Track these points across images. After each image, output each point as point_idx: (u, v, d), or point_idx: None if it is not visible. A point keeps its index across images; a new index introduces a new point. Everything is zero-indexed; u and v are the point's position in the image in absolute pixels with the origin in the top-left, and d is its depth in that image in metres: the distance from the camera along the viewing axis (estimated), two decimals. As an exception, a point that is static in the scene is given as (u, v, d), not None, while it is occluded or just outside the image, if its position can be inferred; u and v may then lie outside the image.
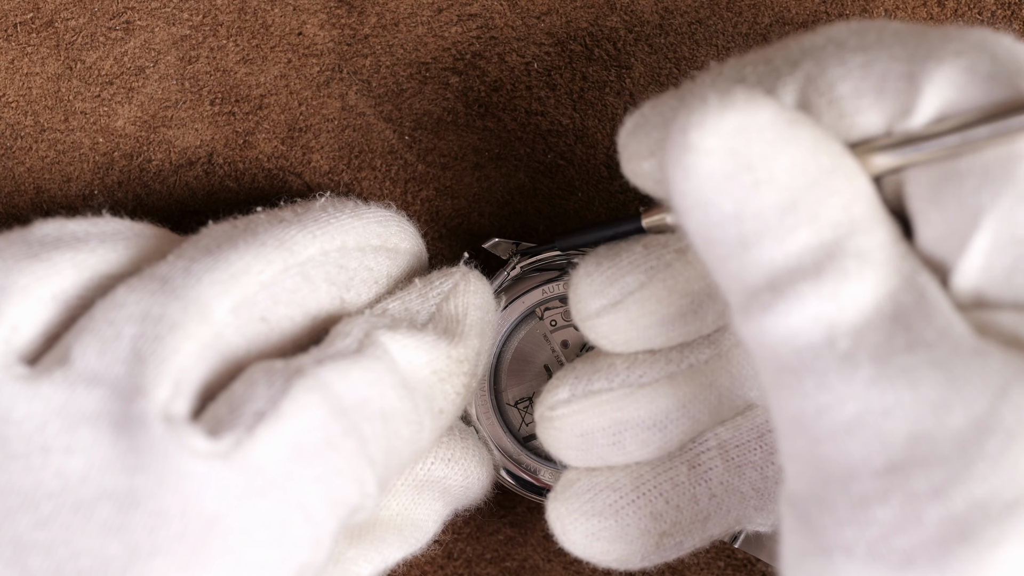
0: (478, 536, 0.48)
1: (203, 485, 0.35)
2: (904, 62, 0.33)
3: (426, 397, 0.40)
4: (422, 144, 0.47)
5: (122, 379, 0.36)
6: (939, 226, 0.33)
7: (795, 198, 0.33)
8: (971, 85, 0.33)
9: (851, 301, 0.32)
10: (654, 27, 0.47)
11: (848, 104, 0.34)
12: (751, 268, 0.33)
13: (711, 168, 0.33)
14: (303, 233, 0.40)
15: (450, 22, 0.47)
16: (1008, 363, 0.31)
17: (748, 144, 0.33)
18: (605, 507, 0.41)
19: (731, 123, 0.33)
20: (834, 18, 0.48)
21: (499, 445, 0.45)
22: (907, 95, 0.33)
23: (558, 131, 0.47)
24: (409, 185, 0.47)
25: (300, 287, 0.39)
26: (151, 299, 0.37)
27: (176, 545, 0.35)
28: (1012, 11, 0.48)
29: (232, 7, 0.47)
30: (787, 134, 0.33)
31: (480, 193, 0.48)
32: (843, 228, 0.33)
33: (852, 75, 0.34)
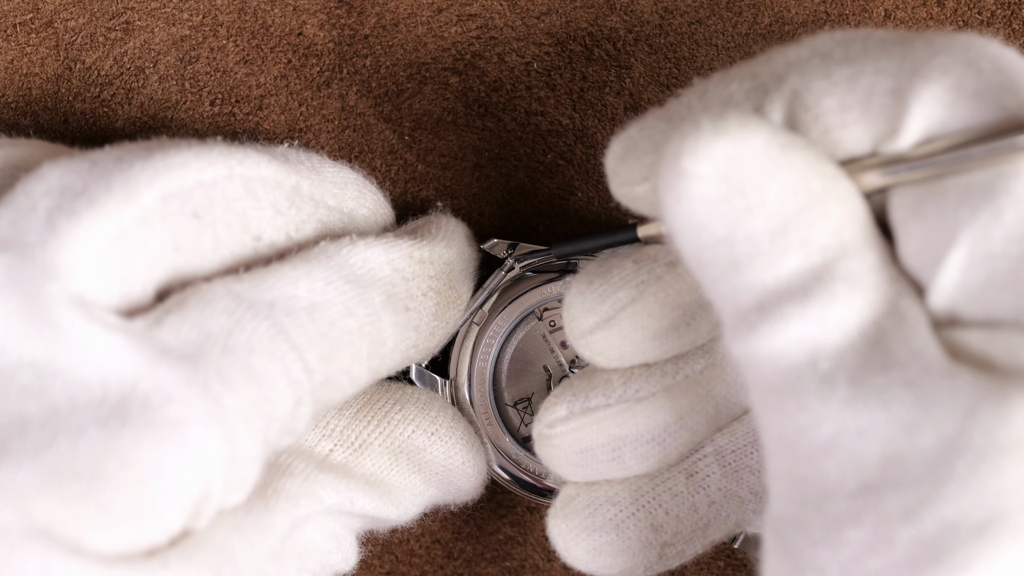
0: (478, 536, 0.48)
1: (120, 356, 0.35)
2: (891, 76, 0.33)
3: (384, 293, 0.40)
4: (422, 144, 0.47)
5: (33, 249, 0.35)
6: (919, 239, 0.33)
7: (786, 222, 0.33)
8: (958, 103, 0.33)
9: (837, 324, 0.33)
10: (654, 27, 0.47)
11: (834, 119, 0.34)
12: (742, 290, 0.33)
13: (704, 193, 0.33)
14: (257, 154, 0.40)
15: (450, 22, 0.47)
16: (977, 384, 0.31)
17: (741, 170, 0.33)
18: (605, 522, 0.41)
19: (724, 149, 0.33)
20: (834, 18, 0.48)
21: (498, 446, 0.45)
22: (894, 113, 0.33)
23: (558, 131, 0.47)
24: (409, 185, 0.47)
25: (243, 198, 0.39)
26: (75, 175, 0.37)
27: (97, 408, 0.35)
28: (1012, 11, 0.48)
29: (232, 7, 0.47)
30: (780, 159, 0.33)
31: (480, 193, 0.48)
32: (833, 252, 0.33)
33: (838, 89, 0.34)
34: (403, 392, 0.44)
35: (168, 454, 0.35)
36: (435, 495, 0.44)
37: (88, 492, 0.34)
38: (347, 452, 0.42)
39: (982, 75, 0.33)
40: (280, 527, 0.39)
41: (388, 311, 0.40)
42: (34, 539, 0.33)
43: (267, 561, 0.38)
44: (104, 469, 0.34)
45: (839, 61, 0.34)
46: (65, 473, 0.34)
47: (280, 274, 0.39)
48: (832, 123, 0.34)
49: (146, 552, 0.35)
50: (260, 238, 0.39)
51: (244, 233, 0.39)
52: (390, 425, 0.42)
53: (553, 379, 0.46)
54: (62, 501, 0.34)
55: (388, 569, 0.48)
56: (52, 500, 0.34)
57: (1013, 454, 0.31)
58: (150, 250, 0.37)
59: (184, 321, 0.37)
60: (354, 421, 0.42)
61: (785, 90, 0.34)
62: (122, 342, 0.35)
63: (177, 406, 0.35)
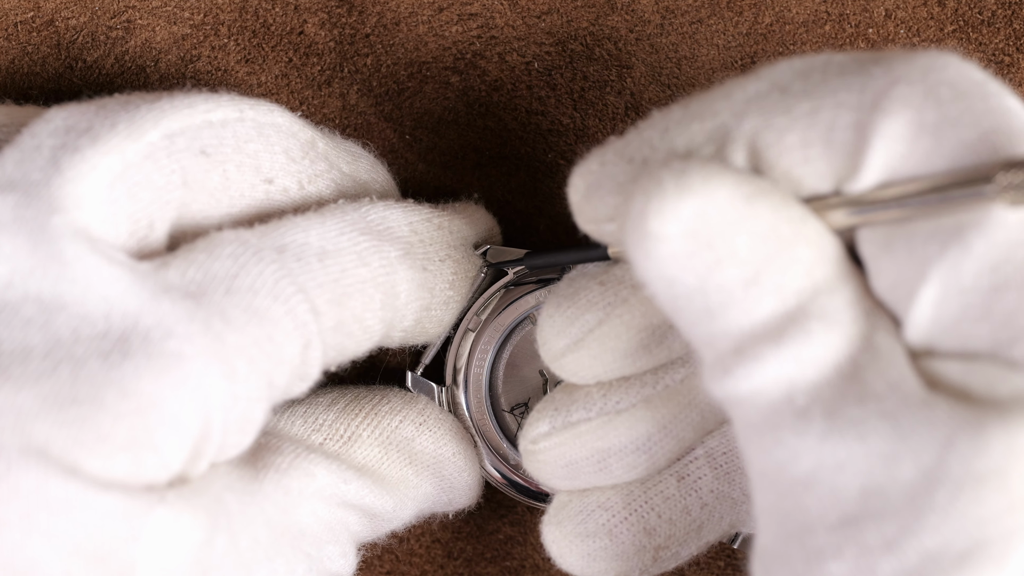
0: (478, 535, 0.48)
1: (123, 291, 0.35)
2: (851, 110, 0.33)
3: (401, 249, 0.40)
4: (422, 143, 0.47)
5: (38, 187, 0.35)
6: (891, 274, 0.33)
7: (758, 270, 0.33)
8: (919, 138, 0.32)
9: (812, 361, 0.33)
10: (655, 27, 0.47)
11: (797, 155, 0.34)
12: (718, 336, 0.33)
13: (672, 251, 0.33)
14: (270, 104, 0.40)
15: (451, 21, 0.47)
16: (954, 414, 0.31)
17: (707, 225, 0.33)
18: (598, 527, 0.41)
19: (689, 208, 0.33)
20: (834, 18, 0.48)
21: (496, 450, 0.45)
22: (855, 148, 0.33)
23: (559, 131, 0.47)
24: (409, 184, 0.47)
25: (254, 139, 0.39)
26: (80, 116, 0.37)
27: (100, 341, 0.35)
28: (1013, 11, 0.48)
29: (233, 6, 0.47)
30: (745, 211, 0.33)
31: (481, 193, 0.48)
32: (806, 293, 0.33)
33: (798, 125, 0.33)
34: (390, 389, 0.44)
35: (167, 386, 0.35)
36: (429, 492, 0.44)
37: (87, 418, 0.34)
38: (338, 444, 0.42)
39: (942, 105, 0.32)
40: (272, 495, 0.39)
41: (404, 266, 0.41)
42: (31, 458, 0.33)
43: (260, 525, 0.39)
44: (104, 397, 0.34)
45: (798, 95, 0.34)
46: (65, 399, 0.34)
47: (292, 223, 0.39)
48: (795, 160, 0.34)
49: (144, 487, 0.35)
50: (272, 181, 0.39)
51: (255, 175, 0.39)
52: (378, 416, 0.43)
53: (549, 383, 0.46)
54: (60, 424, 0.34)
55: (388, 568, 0.48)
56: (51, 423, 0.34)
57: (992, 483, 0.30)
58: (156, 185, 0.37)
59: (190, 263, 0.37)
60: (343, 414, 0.42)
61: (746, 128, 0.34)
62: (127, 277, 0.36)
63: (177, 341, 0.35)
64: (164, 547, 0.35)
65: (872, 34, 0.48)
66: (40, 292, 0.35)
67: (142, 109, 0.37)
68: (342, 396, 0.43)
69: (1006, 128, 0.32)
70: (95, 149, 0.36)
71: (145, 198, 0.37)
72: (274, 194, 0.40)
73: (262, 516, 0.39)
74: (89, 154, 0.36)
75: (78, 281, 0.35)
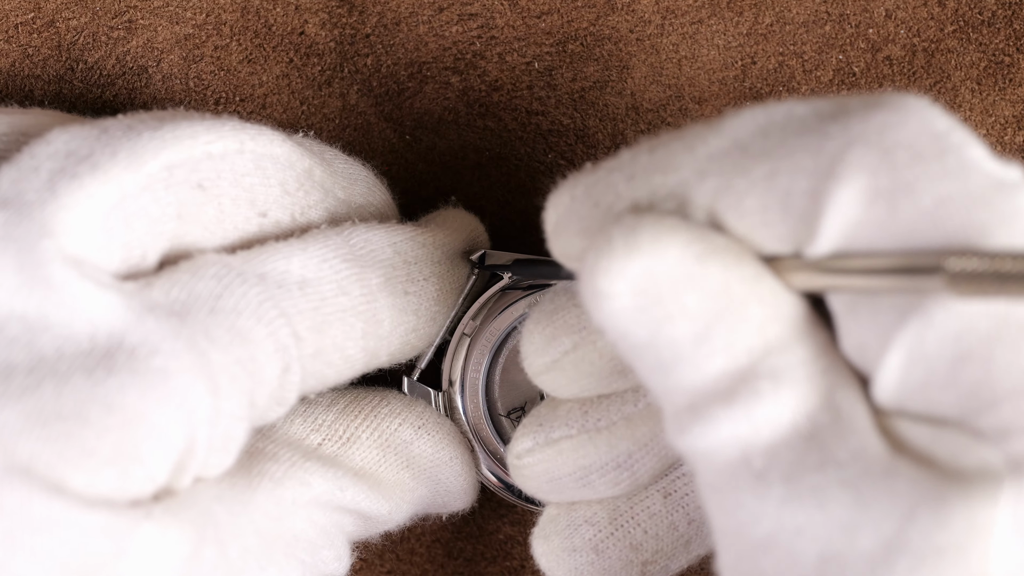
0: (479, 535, 0.48)
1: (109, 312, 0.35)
2: (807, 176, 0.32)
3: (382, 275, 0.41)
4: (422, 143, 0.48)
5: (32, 208, 0.35)
6: (857, 336, 0.33)
7: (708, 327, 0.33)
8: (873, 205, 0.32)
9: (765, 421, 0.32)
10: (655, 27, 0.47)
11: (755, 219, 0.33)
12: (672, 391, 0.33)
13: (622, 306, 0.33)
14: (272, 132, 0.40)
15: (451, 22, 0.47)
16: (917, 483, 0.31)
17: (656, 284, 0.33)
18: (584, 542, 0.41)
19: (637, 268, 0.33)
20: (835, 18, 0.48)
21: (493, 454, 0.45)
22: (811, 215, 0.33)
23: (559, 131, 0.47)
24: (409, 185, 0.47)
25: (251, 173, 0.39)
26: (82, 141, 0.37)
27: (84, 358, 0.35)
28: (1013, 11, 0.48)
29: (235, 6, 0.47)
30: (695, 270, 0.33)
31: (481, 193, 0.48)
32: (757, 352, 0.33)
33: (756, 189, 0.33)
34: (389, 392, 0.44)
35: (153, 401, 0.35)
36: (425, 495, 0.44)
37: (71, 433, 0.34)
38: (336, 445, 0.42)
39: (897, 169, 0.32)
40: (264, 505, 0.39)
41: (385, 293, 0.41)
42: (15, 476, 0.33)
43: (250, 535, 0.39)
44: (89, 413, 0.34)
45: (757, 156, 0.33)
46: (49, 415, 0.34)
47: (274, 249, 0.39)
48: (754, 223, 0.33)
49: (130, 502, 0.35)
50: (266, 215, 0.39)
51: (250, 208, 0.39)
52: (378, 418, 0.43)
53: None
54: (45, 440, 0.34)
55: (389, 568, 0.48)
56: (35, 439, 0.34)
57: (951, 557, 0.30)
58: (152, 217, 0.37)
59: (174, 283, 0.37)
60: (343, 415, 0.43)
61: (706, 189, 0.34)
62: (112, 299, 0.36)
63: (163, 357, 0.35)
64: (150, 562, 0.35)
65: (872, 34, 0.48)
66: (25, 311, 0.35)
67: (144, 137, 0.37)
68: (342, 397, 0.43)
69: (961, 193, 0.31)
70: (94, 177, 0.36)
71: (140, 228, 0.37)
72: (267, 227, 0.40)
73: (252, 526, 0.39)
74: (87, 181, 0.36)
75: (64, 304, 0.35)
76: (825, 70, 0.48)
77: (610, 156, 0.48)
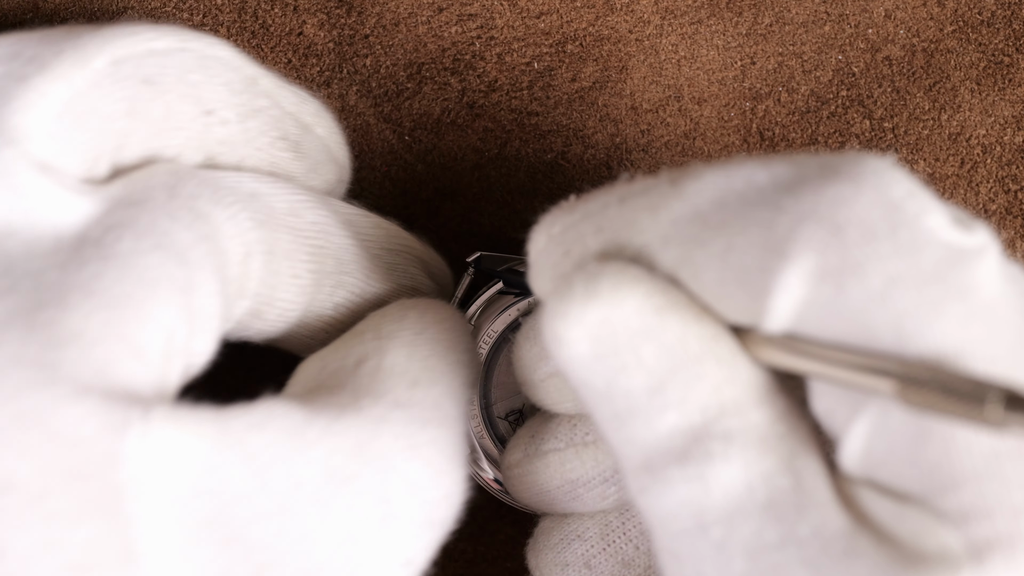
0: (479, 536, 0.48)
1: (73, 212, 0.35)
2: (758, 252, 0.32)
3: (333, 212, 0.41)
4: (422, 144, 0.47)
5: None
6: (827, 401, 0.32)
7: (663, 381, 0.32)
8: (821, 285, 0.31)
9: (717, 483, 0.32)
10: (655, 27, 0.47)
11: (714, 291, 0.33)
12: (627, 445, 0.33)
13: (580, 353, 0.33)
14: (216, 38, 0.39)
15: (450, 22, 0.47)
16: (877, 567, 0.31)
17: (613, 334, 0.33)
18: (576, 558, 0.41)
19: (594, 315, 0.33)
20: (834, 18, 0.48)
21: (490, 456, 0.45)
22: (763, 292, 0.32)
23: (558, 131, 0.47)
24: (408, 185, 0.47)
25: (195, 70, 0.39)
26: (23, 44, 0.37)
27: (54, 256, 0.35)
28: (1012, 11, 0.48)
29: (232, 7, 0.47)
30: (653, 322, 0.33)
31: (480, 193, 0.48)
32: (712, 411, 0.32)
33: (714, 263, 0.33)
34: None
35: (128, 283, 0.34)
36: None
37: (55, 319, 0.33)
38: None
39: (846, 248, 0.31)
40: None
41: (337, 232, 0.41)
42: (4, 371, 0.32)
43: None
44: (69, 299, 0.34)
45: (715, 228, 0.33)
46: (30, 306, 0.33)
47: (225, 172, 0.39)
48: (713, 295, 0.33)
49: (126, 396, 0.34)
50: (211, 113, 0.39)
51: (196, 105, 0.39)
52: None
53: None
54: (30, 328, 0.33)
55: (388, 569, 0.48)
56: (21, 329, 0.33)
57: None
58: (103, 115, 0.37)
59: (130, 179, 0.37)
60: None
61: (668, 257, 0.34)
62: (74, 199, 0.35)
63: (129, 241, 0.35)
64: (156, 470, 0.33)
65: (872, 34, 0.48)
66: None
67: (86, 36, 0.37)
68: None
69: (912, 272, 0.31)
70: (43, 77, 0.36)
71: (92, 127, 0.37)
72: (214, 126, 0.39)
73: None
74: (36, 82, 0.36)
75: (32, 210, 0.35)
76: (824, 70, 0.48)
77: (610, 155, 0.48)
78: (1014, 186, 0.48)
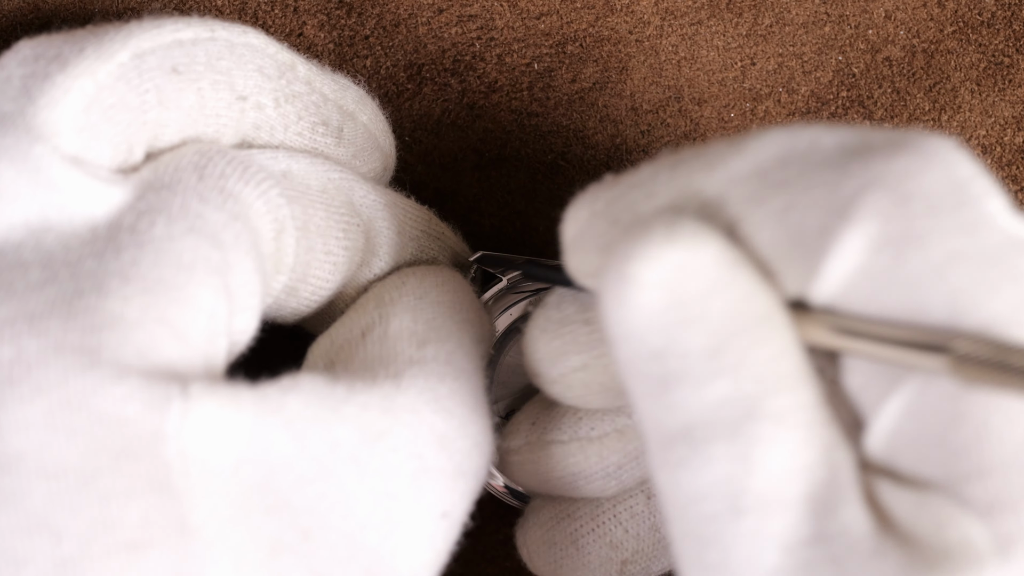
0: (478, 536, 0.48)
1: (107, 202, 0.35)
2: (821, 212, 0.32)
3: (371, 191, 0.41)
4: (422, 145, 0.48)
5: (12, 118, 0.35)
6: (862, 376, 0.32)
7: (723, 343, 0.31)
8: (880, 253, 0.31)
9: (762, 468, 0.31)
10: (655, 28, 0.47)
11: (768, 251, 0.32)
12: (667, 412, 0.32)
13: (646, 301, 0.32)
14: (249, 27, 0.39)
15: (450, 23, 0.47)
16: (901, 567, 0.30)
17: (686, 281, 0.32)
18: (564, 536, 0.41)
19: (673, 258, 0.32)
20: (834, 19, 0.48)
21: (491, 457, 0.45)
22: (819, 254, 0.32)
23: (558, 132, 0.47)
24: (409, 187, 0.47)
25: (226, 57, 0.39)
26: (48, 45, 0.37)
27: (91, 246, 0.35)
28: (1012, 12, 0.48)
29: (232, 8, 0.47)
30: (727, 276, 0.32)
31: (480, 194, 0.48)
32: (766, 384, 0.31)
33: (771, 222, 0.32)
34: None
35: (165, 266, 0.35)
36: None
37: (95, 306, 0.34)
38: None
39: (910, 219, 0.31)
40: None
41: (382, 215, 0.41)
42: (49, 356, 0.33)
43: None
44: (108, 285, 0.34)
45: (775, 186, 0.32)
46: (71, 294, 0.34)
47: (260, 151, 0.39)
48: (765, 256, 0.33)
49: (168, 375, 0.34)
50: (246, 98, 0.39)
51: (229, 92, 0.39)
52: None
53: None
54: (72, 316, 0.33)
55: (388, 570, 0.48)
56: (63, 317, 0.33)
57: None
58: (132, 106, 0.37)
59: (159, 163, 0.37)
60: None
61: (725, 217, 0.33)
62: (106, 189, 0.36)
63: (161, 226, 0.35)
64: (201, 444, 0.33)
65: (872, 35, 0.48)
66: (27, 219, 0.35)
67: (109, 33, 0.37)
68: None
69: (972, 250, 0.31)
70: (65, 74, 0.36)
71: (122, 120, 0.37)
72: (249, 111, 0.39)
73: None
74: (60, 80, 0.36)
75: (67, 205, 0.35)
76: (824, 71, 0.48)
77: (610, 156, 0.48)
78: (1014, 186, 0.48)
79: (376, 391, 0.36)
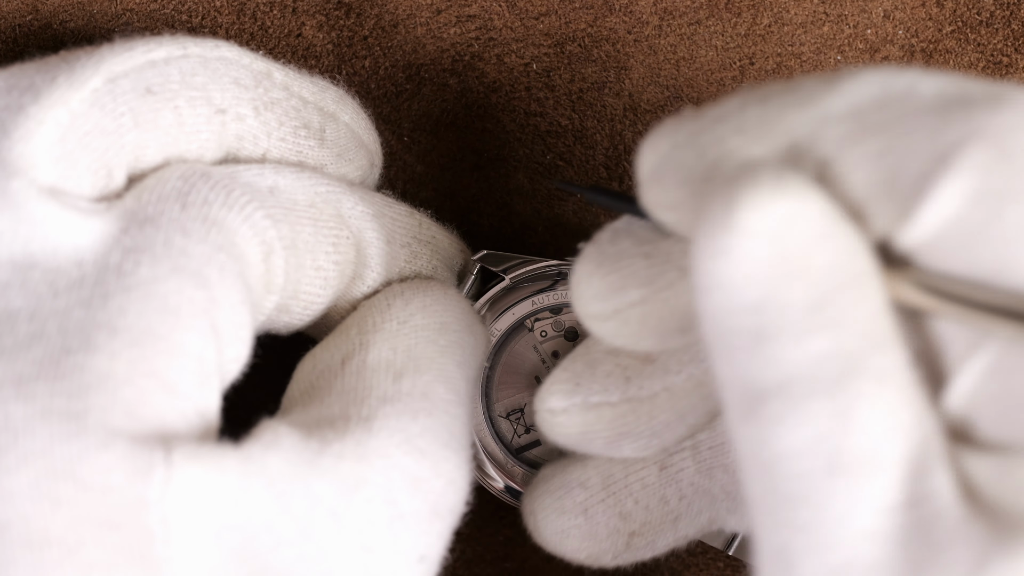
0: (478, 537, 0.48)
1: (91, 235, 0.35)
2: (920, 158, 0.31)
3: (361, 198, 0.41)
4: (421, 145, 0.47)
5: None
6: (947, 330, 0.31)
7: (824, 298, 0.30)
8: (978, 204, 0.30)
9: (861, 428, 0.30)
10: (653, 28, 0.47)
11: (859, 193, 0.32)
12: (760, 366, 0.31)
13: (749, 251, 0.31)
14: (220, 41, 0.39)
15: (449, 23, 0.47)
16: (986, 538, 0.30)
17: (793, 233, 0.31)
18: (574, 505, 0.41)
19: (783, 208, 0.30)
20: (833, 19, 0.48)
21: (491, 456, 0.45)
22: (913, 200, 0.31)
23: (557, 132, 0.47)
24: (408, 186, 0.47)
25: (200, 72, 0.38)
26: (20, 75, 0.37)
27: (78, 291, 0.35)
28: (1011, 11, 0.48)
29: (231, 9, 0.47)
30: (832, 230, 0.31)
31: (479, 194, 0.48)
32: (868, 340, 0.31)
33: (866, 164, 0.31)
34: None
35: (151, 313, 0.34)
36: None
37: (82, 364, 0.34)
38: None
39: (1013, 174, 0.30)
40: None
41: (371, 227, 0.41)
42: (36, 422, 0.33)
43: None
44: (96, 341, 0.34)
45: (873, 128, 0.32)
46: (59, 353, 0.34)
47: (246, 166, 0.39)
48: (857, 197, 0.32)
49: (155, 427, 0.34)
50: (225, 111, 0.39)
51: (207, 106, 0.38)
52: None
53: None
54: (59, 377, 0.33)
55: (388, 570, 0.48)
56: (50, 379, 0.33)
57: None
58: (108, 131, 0.37)
59: (143, 190, 0.37)
60: None
61: (817, 156, 0.32)
62: (89, 222, 0.35)
63: (146, 266, 0.35)
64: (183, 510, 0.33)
65: (871, 35, 0.48)
66: (11, 255, 0.35)
67: (81, 60, 0.37)
68: None
69: None
70: (39, 105, 0.36)
71: (99, 146, 0.36)
72: (230, 124, 0.39)
73: None
74: (33, 111, 0.36)
75: (49, 237, 0.35)
76: (823, 71, 0.48)
77: (609, 156, 0.48)
78: (1013, 186, 0.48)
79: (349, 438, 0.36)
